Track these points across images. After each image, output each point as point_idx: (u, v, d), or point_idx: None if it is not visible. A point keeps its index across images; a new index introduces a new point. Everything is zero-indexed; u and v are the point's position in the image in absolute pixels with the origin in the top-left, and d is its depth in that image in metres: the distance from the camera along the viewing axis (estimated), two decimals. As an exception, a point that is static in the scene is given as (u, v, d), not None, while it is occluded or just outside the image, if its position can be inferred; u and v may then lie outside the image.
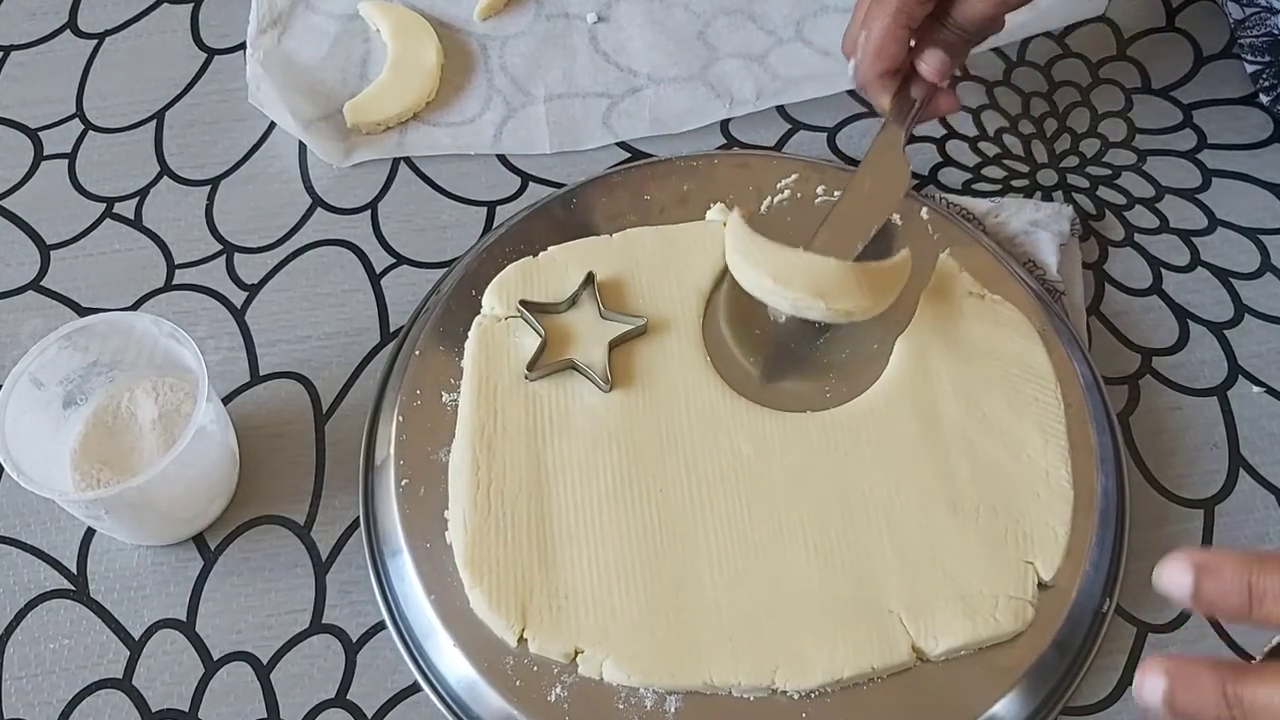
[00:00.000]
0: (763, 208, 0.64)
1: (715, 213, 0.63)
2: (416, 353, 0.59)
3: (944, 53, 0.59)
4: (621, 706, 0.50)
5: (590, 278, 0.60)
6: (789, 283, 0.55)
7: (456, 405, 0.57)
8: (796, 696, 0.50)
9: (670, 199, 0.64)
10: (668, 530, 0.53)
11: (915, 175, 0.68)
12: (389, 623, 0.54)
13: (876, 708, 0.50)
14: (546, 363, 0.58)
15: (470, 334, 0.59)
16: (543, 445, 0.56)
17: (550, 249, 0.62)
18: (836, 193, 0.64)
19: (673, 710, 0.50)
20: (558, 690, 0.50)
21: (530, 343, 0.58)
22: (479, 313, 0.60)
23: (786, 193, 0.64)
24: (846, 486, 0.55)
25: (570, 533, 0.53)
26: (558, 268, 0.61)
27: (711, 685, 0.50)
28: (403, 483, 0.56)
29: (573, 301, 0.60)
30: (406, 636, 0.54)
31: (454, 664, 0.52)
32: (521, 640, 0.51)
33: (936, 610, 0.51)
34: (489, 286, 0.60)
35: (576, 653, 0.51)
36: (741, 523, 0.54)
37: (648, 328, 0.59)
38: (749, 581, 0.52)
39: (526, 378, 0.57)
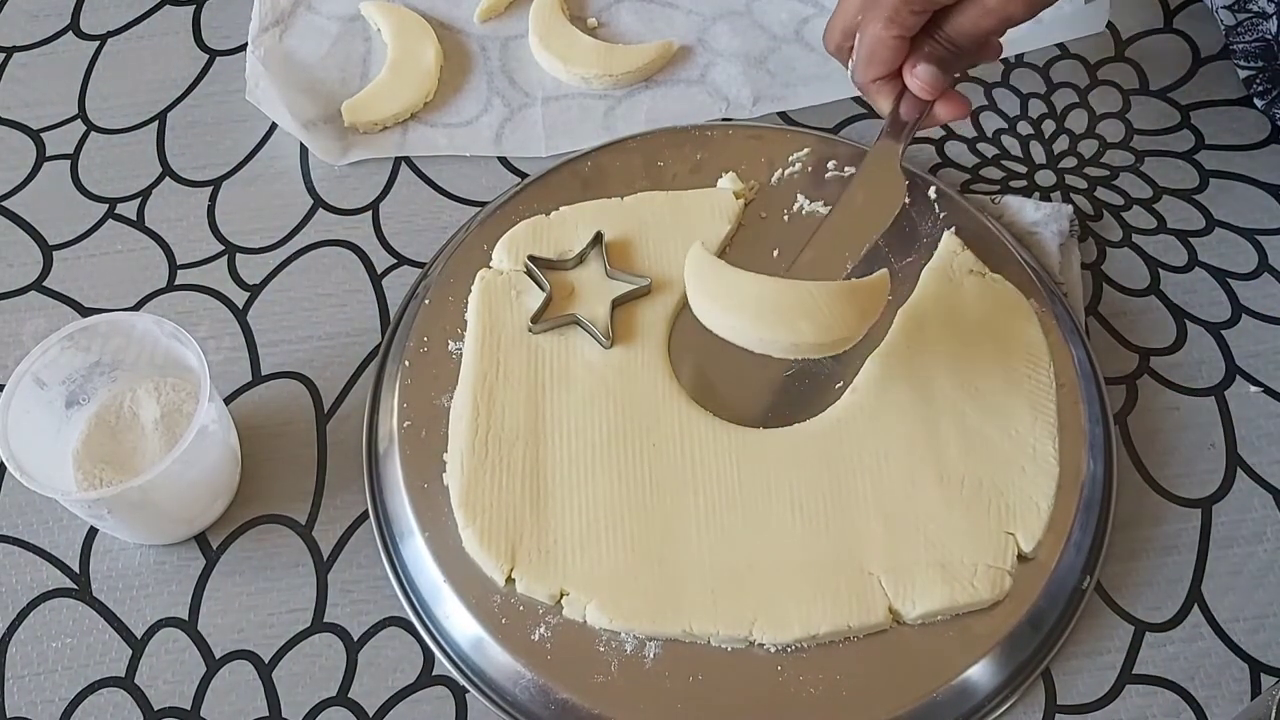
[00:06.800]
0: (773, 179, 0.65)
1: (726, 181, 0.64)
2: (426, 302, 0.60)
3: (935, 67, 0.56)
4: (602, 649, 0.52)
5: (599, 237, 0.61)
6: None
7: (462, 354, 0.59)
8: (773, 650, 0.52)
9: (683, 166, 0.66)
10: (658, 484, 0.55)
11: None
12: (385, 560, 0.56)
13: (851, 666, 0.51)
14: (550, 316, 0.59)
15: (473, 287, 0.60)
16: (542, 396, 0.57)
17: (562, 208, 0.63)
18: (848, 168, 0.65)
19: (652, 656, 0.51)
20: (541, 630, 0.52)
21: (534, 297, 0.60)
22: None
23: (798, 165, 0.65)
24: (836, 450, 0.56)
25: (563, 480, 0.55)
26: (568, 226, 0.62)
27: (691, 634, 0.51)
28: (405, 425, 0.57)
29: (580, 259, 0.61)
30: (402, 576, 0.55)
31: (447, 605, 0.53)
32: (509, 580, 0.53)
33: (916, 575, 0.52)
34: (499, 241, 0.62)
35: (562, 595, 0.52)
36: (730, 479, 0.55)
37: (651, 288, 0.60)
38: (734, 537, 0.53)
39: (530, 330, 0.59)
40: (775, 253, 0.63)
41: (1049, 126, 0.71)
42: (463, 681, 0.53)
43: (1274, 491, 0.58)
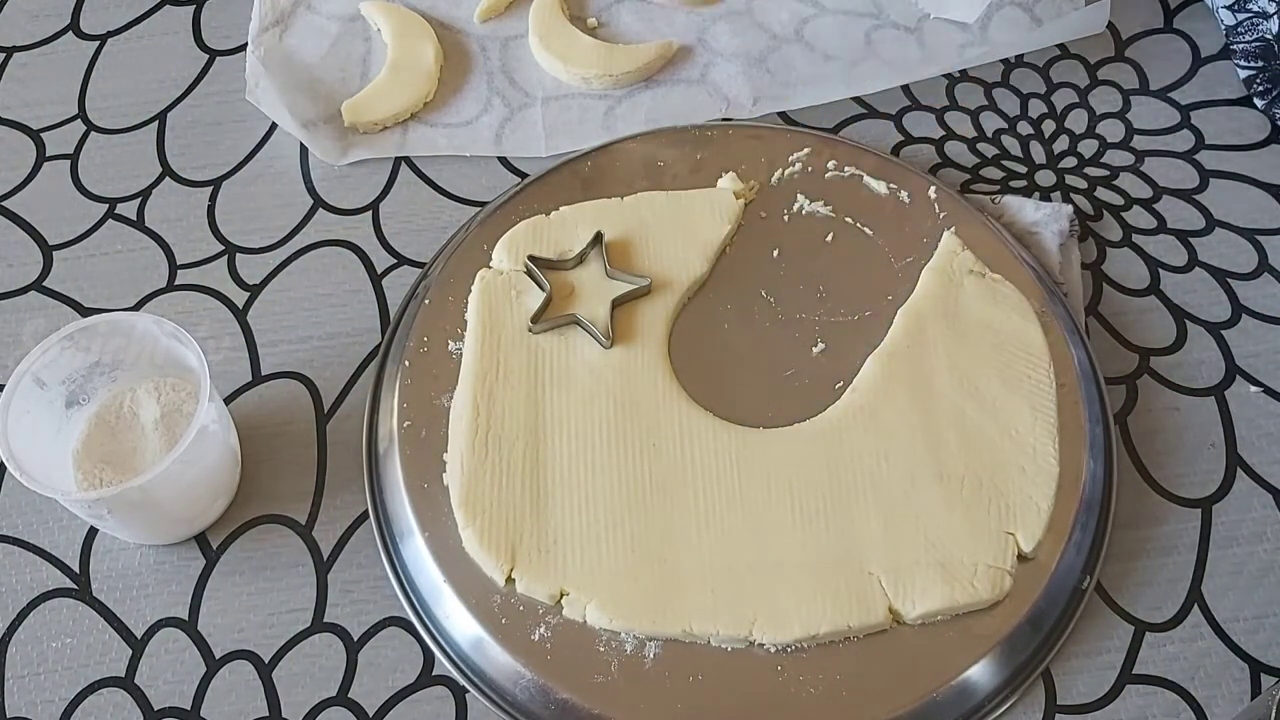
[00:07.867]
0: (773, 179, 0.65)
1: (726, 181, 0.64)
2: (426, 302, 0.61)
3: None
4: (602, 649, 0.52)
5: (599, 237, 0.61)
6: None
7: (462, 354, 0.59)
8: (773, 650, 0.52)
9: (684, 166, 0.66)
10: (658, 483, 0.55)
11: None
12: (385, 560, 0.56)
13: (851, 666, 0.51)
14: (550, 316, 0.59)
15: (473, 287, 0.61)
16: (542, 396, 0.57)
17: (562, 208, 0.63)
18: (848, 168, 0.65)
19: (652, 656, 0.51)
20: (541, 630, 0.52)
21: (534, 297, 0.60)
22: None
23: (798, 165, 0.66)
24: (836, 450, 0.56)
25: (563, 480, 0.55)
26: (568, 226, 0.63)
27: (691, 634, 0.52)
28: (405, 425, 0.57)
29: (580, 259, 0.61)
30: (402, 576, 0.55)
31: (447, 605, 0.53)
32: (509, 580, 0.53)
33: (916, 575, 0.52)
34: (499, 241, 0.62)
35: (562, 595, 0.52)
36: (730, 480, 0.55)
37: (651, 288, 0.60)
38: (734, 537, 0.54)
39: (530, 330, 0.59)
40: (775, 252, 0.63)
41: (1049, 126, 0.71)
42: (463, 681, 0.53)
43: (1274, 491, 0.58)
